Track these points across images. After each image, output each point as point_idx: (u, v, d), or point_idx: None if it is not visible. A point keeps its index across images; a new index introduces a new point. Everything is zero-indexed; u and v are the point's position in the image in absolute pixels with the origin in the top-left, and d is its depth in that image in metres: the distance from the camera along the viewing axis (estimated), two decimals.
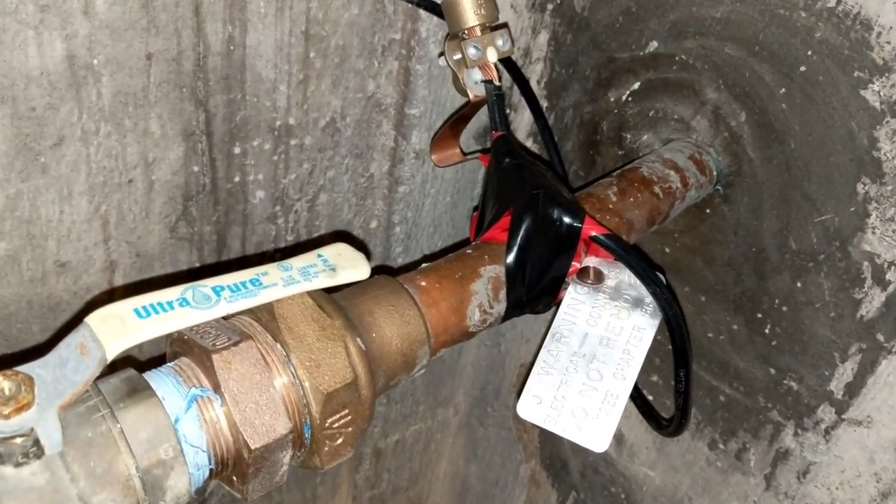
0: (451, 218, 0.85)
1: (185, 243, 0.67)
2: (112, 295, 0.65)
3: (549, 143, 0.70)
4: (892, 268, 0.58)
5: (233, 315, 0.43)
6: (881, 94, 0.55)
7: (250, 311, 0.42)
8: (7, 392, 0.34)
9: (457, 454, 1.09)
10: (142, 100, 0.59)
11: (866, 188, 0.57)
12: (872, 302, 0.59)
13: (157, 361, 0.44)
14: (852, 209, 0.58)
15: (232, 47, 0.61)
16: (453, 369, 1.01)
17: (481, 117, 0.76)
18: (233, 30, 0.60)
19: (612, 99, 0.71)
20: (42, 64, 0.53)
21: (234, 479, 0.41)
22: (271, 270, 0.41)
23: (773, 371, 0.67)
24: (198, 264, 0.69)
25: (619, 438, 0.84)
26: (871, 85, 0.55)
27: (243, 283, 0.39)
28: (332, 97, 0.68)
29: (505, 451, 1.01)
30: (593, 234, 0.50)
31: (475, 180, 0.84)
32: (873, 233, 0.58)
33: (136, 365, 0.41)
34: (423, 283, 0.49)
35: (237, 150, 0.66)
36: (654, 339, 0.75)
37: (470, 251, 0.52)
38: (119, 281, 0.66)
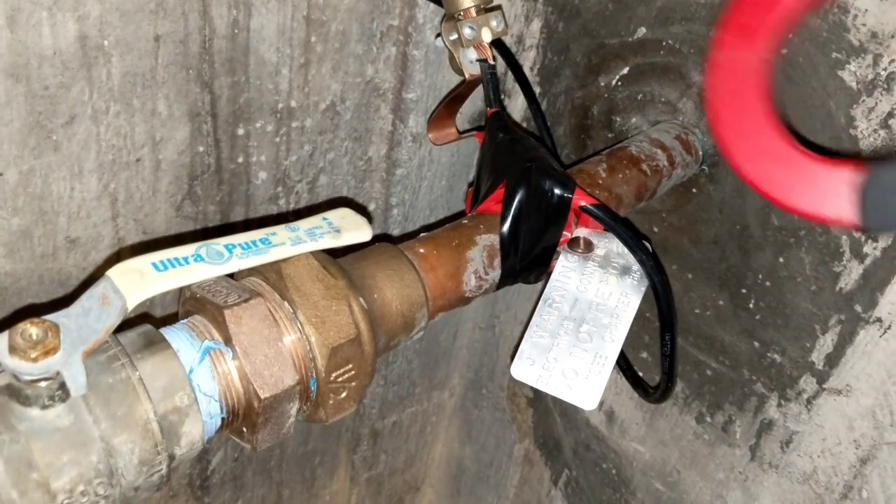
0: (447, 201, 0.87)
1: (189, 222, 0.70)
2: (119, 256, 0.68)
3: (541, 127, 0.73)
4: (869, 241, 0.60)
5: (243, 276, 0.45)
6: (857, 73, 0.57)
7: (258, 272, 0.45)
8: (34, 337, 0.36)
9: (452, 436, 1.11)
10: (150, 80, 0.61)
11: None
12: (851, 275, 0.62)
13: (169, 322, 0.46)
14: None
15: (237, 31, 0.63)
16: (448, 352, 1.03)
17: (475, 103, 0.79)
18: (237, 13, 0.62)
19: (602, 84, 0.74)
20: (55, 44, 0.56)
21: (244, 429, 0.44)
22: (279, 231, 0.43)
23: (757, 344, 0.70)
24: None
25: (609, 415, 0.86)
26: (847, 65, 0.58)
27: (254, 242, 0.42)
28: (332, 81, 0.71)
29: (499, 432, 1.03)
30: (583, 204, 0.53)
31: (470, 164, 0.86)
32: None
33: (151, 323, 0.43)
34: (422, 250, 0.51)
35: (241, 132, 0.68)
36: (643, 317, 0.78)
37: (466, 221, 0.54)
38: (127, 258, 0.68)
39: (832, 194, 0.43)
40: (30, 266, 0.64)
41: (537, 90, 0.80)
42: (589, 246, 0.55)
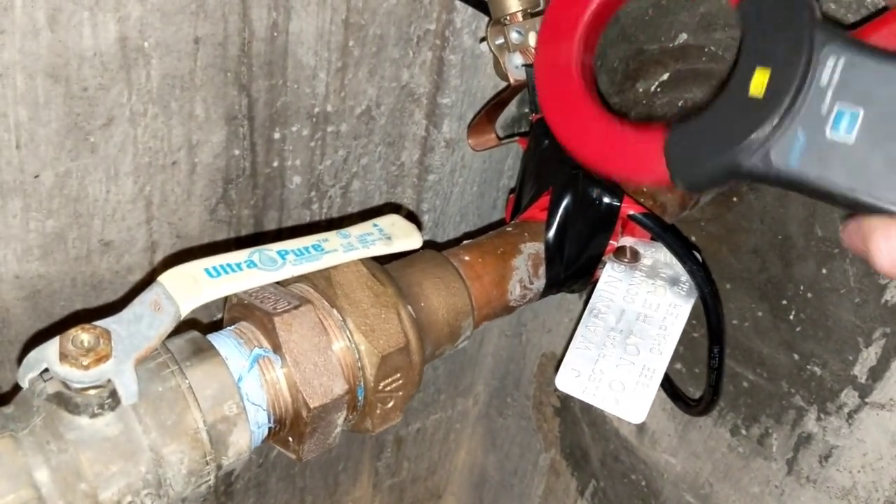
0: (477, 207, 0.86)
1: (223, 226, 0.69)
2: (153, 272, 0.67)
3: None
4: None
5: (289, 282, 0.45)
6: None
7: (307, 278, 0.44)
8: (86, 344, 0.35)
9: (475, 445, 1.10)
10: (188, 83, 0.60)
11: None
12: None
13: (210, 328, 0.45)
14: None
15: (275, 33, 0.62)
16: (474, 359, 1.02)
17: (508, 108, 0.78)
18: (277, 16, 0.62)
19: (640, 90, 0.73)
20: (95, 45, 0.55)
21: (290, 439, 0.43)
22: (331, 237, 0.42)
23: (796, 357, 0.68)
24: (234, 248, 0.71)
25: (640, 426, 0.85)
26: None
27: (306, 248, 0.41)
28: (368, 86, 0.70)
29: (524, 441, 1.02)
30: (631, 212, 0.52)
31: (502, 171, 0.85)
32: None
33: (197, 329, 0.43)
34: (467, 258, 0.50)
35: (277, 136, 0.67)
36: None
37: (510, 229, 0.54)
38: (159, 262, 0.67)
39: (647, 156, 0.48)
40: (63, 269, 0.63)
41: None
42: (635, 255, 0.54)
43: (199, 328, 0.43)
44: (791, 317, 0.68)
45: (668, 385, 0.65)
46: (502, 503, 1.09)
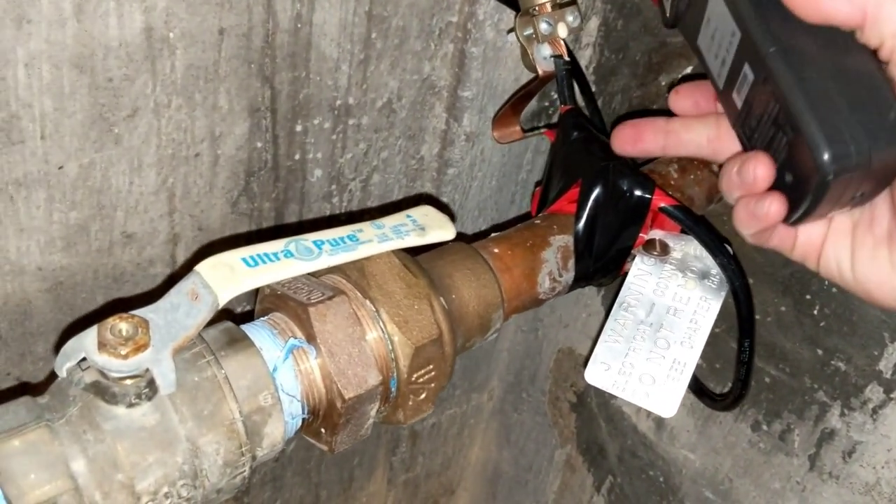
0: (496, 202, 0.86)
1: (244, 218, 0.69)
2: (174, 265, 0.67)
3: (599, 127, 0.71)
4: None
5: (322, 273, 0.44)
6: None
7: (339, 270, 0.44)
8: (125, 333, 0.35)
9: (489, 440, 1.10)
10: (212, 74, 0.60)
11: None
12: None
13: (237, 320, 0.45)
14: None
15: (299, 25, 0.62)
16: (489, 354, 1.02)
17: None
18: (301, 7, 0.61)
19: (663, 83, 0.72)
20: (121, 35, 0.55)
21: (323, 430, 0.43)
22: (366, 228, 0.42)
23: (820, 352, 0.68)
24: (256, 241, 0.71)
25: (658, 422, 0.85)
26: None
27: (342, 238, 0.41)
28: (389, 78, 0.70)
29: (539, 437, 1.02)
30: (662, 205, 0.51)
31: (520, 165, 0.85)
32: None
33: (230, 319, 0.42)
34: (496, 250, 0.50)
35: (299, 128, 0.67)
36: None
37: (539, 221, 0.53)
38: (181, 254, 0.67)
39: None
40: (85, 261, 0.63)
41: (593, 89, 0.79)
42: (665, 248, 0.53)
43: (230, 319, 0.43)
44: (815, 312, 0.68)
45: (693, 380, 0.64)
46: (516, 499, 1.09)
